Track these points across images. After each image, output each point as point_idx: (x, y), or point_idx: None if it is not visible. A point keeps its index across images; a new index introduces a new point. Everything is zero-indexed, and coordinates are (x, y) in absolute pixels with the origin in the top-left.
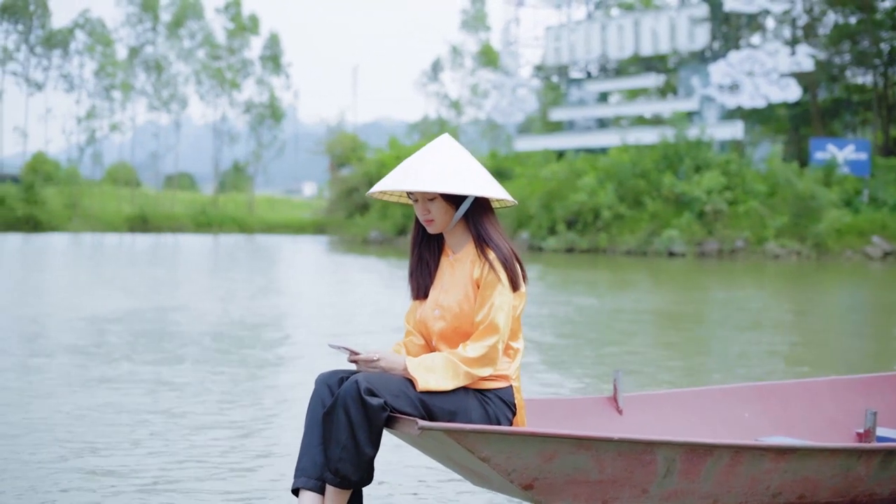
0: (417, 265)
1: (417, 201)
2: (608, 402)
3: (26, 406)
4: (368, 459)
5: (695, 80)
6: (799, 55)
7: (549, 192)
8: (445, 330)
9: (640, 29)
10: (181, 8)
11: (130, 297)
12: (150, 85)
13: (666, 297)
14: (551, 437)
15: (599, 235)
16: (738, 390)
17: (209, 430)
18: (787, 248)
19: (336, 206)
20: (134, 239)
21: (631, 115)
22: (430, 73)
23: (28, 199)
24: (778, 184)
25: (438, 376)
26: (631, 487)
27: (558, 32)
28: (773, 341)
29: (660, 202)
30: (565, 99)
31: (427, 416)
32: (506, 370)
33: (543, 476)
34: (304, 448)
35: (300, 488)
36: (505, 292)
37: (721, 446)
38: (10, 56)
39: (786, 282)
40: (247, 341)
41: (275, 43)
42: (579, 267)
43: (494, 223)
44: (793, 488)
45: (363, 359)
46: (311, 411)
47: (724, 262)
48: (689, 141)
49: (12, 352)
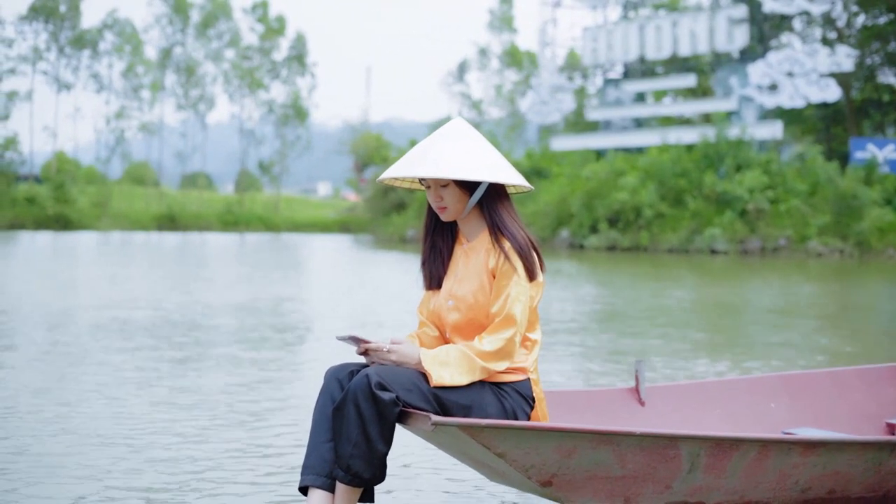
0: (430, 254)
1: (430, 188)
2: (630, 393)
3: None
4: (381, 456)
5: (733, 80)
6: (839, 55)
7: (589, 191)
8: (459, 321)
9: (679, 29)
10: (211, 9)
11: (232, 290)
12: (180, 85)
13: (718, 290)
14: (570, 431)
15: (641, 234)
16: (764, 380)
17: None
18: (830, 247)
19: (372, 204)
20: (167, 237)
21: (667, 116)
22: (457, 73)
23: (58, 197)
24: (819, 183)
25: (453, 371)
26: (654, 483)
27: (596, 33)
28: (817, 334)
29: (701, 201)
30: (602, 99)
31: (441, 411)
32: (523, 362)
33: (563, 472)
34: (311, 445)
35: (309, 486)
36: (521, 282)
37: (748, 440)
38: (40, 56)
39: (830, 278)
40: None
41: (301, 43)
42: (625, 263)
43: (510, 210)
44: (822, 483)
45: (373, 348)
46: (319, 406)
47: (767, 260)
48: (729, 140)
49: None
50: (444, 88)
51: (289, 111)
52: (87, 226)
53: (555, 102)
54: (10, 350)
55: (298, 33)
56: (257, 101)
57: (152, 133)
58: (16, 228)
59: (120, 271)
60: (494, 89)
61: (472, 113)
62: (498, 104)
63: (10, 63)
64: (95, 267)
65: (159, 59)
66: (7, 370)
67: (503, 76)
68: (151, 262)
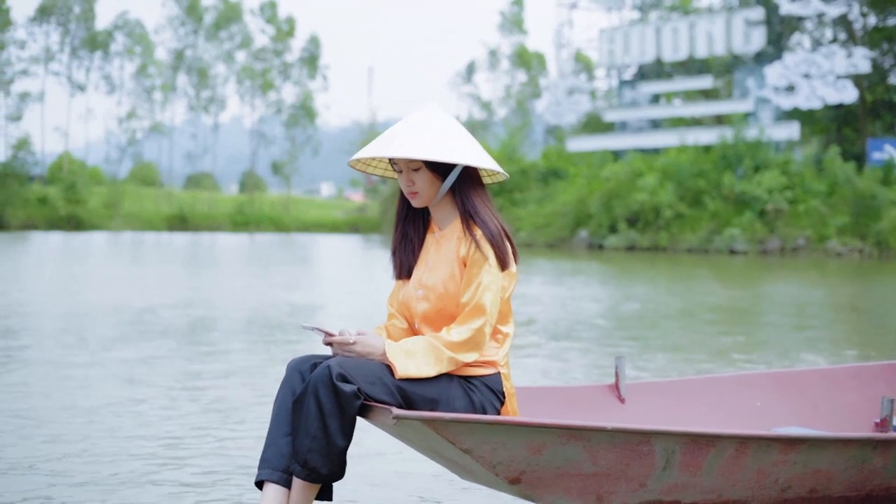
0: (401, 242)
1: (402, 171)
2: (610, 389)
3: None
4: (340, 451)
5: (749, 81)
6: (856, 57)
7: (608, 192)
8: (429, 311)
9: (695, 31)
10: (223, 10)
11: (294, 291)
12: (192, 87)
13: (742, 290)
14: (539, 426)
15: (660, 234)
16: (752, 378)
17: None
18: (849, 246)
19: (388, 205)
20: (181, 237)
21: (683, 117)
22: (465, 73)
23: (69, 198)
24: (837, 183)
25: (419, 362)
26: (627, 481)
27: (612, 34)
28: (836, 329)
29: (719, 201)
30: (618, 100)
31: (405, 405)
32: (493, 356)
33: (532, 469)
34: (270, 438)
35: (264, 481)
36: (492, 271)
37: (725, 436)
38: (52, 57)
39: (852, 277)
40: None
41: (314, 45)
42: (650, 262)
43: (484, 198)
44: (803, 482)
45: (338, 340)
46: (279, 399)
47: (787, 260)
48: (748, 141)
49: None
50: (452, 89)
51: (298, 112)
52: (99, 226)
53: (570, 103)
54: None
55: (312, 35)
56: (267, 102)
57: (164, 134)
58: (28, 229)
59: (176, 271)
60: (504, 90)
61: (483, 113)
62: (506, 104)
63: (23, 64)
64: (137, 268)
65: (171, 61)
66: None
67: (513, 77)
68: (189, 262)
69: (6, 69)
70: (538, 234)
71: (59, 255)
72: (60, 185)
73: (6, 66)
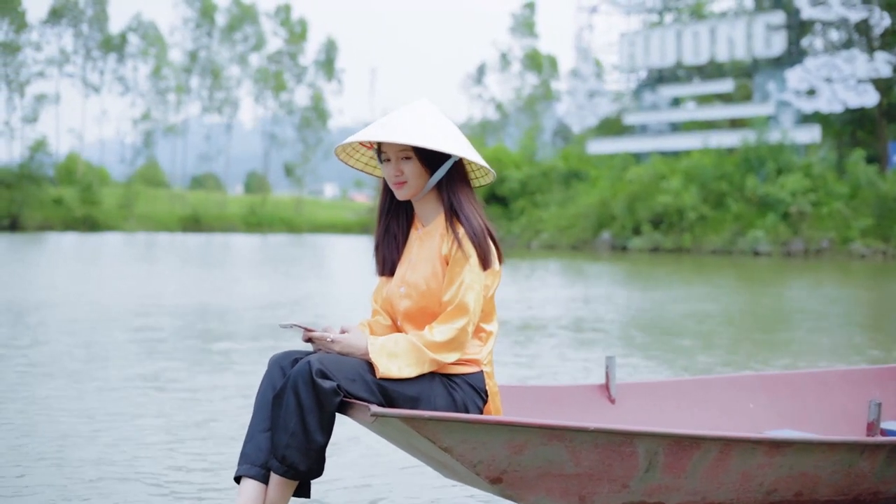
0: (384, 238)
1: (390, 160)
2: (599, 389)
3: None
4: (318, 448)
5: (770, 85)
6: (877, 61)
7: (632, 194)
8: (411, 309)
9: (716, 35)
10: (238, 13)
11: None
12: (206, 88)
13: (765, 292)
14: (520, 425)
15: (684, 236)
16: (743, 380)
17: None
18: (873, 248)
19: None
20: (195, 238)
21: (704, 120)
22: (476, 75)
23: (84, 199)
24: (859, 186)
25: (401, 363)
26: (610, 482)
27: (633, 38)
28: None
29: (742, 203)
30: (639, 103)
31: (386, 403)
32: (476, 354)
33: (513, 469)
34: (249, 433)
35: (242, 476)
36: (475, 270)
37: (709, 438)
38: (67, 58)
39: (878, 278)
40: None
41: (331, 48)
42: (676, 264)
43: (469, 196)
44: (789, 485)
45: (317, 336)
46: (260, 394)
47: (811, 262)
48: (771, 144)
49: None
50: (463, 90)
51: (310, 114)
52: (114, 227)
53: (591, 107)
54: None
55: (329, 38)
56: (279, 104)
57: (178, 135)
58: (45, 230)
59: (209, 273)
60: (514, 92)
61: (496, 115)
62: (517, 105)
63: (38, 66)
64: (181, 269)
65: (186, 62)
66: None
67: (524, 79)
68: (213, 263)
69: (22, 71)
70: (561, 236)
71: (90, 256)
72: (76, 186)
73: (22, 68)
